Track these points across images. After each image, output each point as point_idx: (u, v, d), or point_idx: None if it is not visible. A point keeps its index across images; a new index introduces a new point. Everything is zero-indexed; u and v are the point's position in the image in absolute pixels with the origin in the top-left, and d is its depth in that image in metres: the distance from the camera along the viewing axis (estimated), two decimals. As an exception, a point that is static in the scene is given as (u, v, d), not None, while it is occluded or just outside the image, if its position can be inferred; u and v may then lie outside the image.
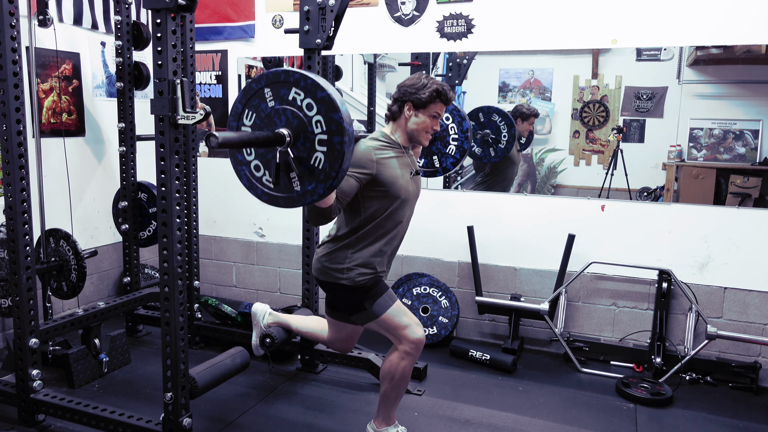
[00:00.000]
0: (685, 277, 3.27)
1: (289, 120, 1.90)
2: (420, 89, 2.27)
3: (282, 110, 1.91)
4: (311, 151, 1.89)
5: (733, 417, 2.86)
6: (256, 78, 1.94)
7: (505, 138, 3.62)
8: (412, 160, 2.42)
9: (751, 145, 3.23)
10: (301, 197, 1.95)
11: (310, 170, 1.91)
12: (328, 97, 1.83)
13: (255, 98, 1.96)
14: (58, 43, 3.39)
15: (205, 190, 3.93)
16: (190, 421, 2.26)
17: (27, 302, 2.50)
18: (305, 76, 1.86)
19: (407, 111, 2.30)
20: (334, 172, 1.86)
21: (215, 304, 3.45)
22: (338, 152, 1.84)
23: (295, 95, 1.89)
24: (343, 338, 2.62)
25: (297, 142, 1.90)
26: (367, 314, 2.32)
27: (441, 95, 2.28)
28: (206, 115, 2.09)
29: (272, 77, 1.91)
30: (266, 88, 1.93)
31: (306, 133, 1.89)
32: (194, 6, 2.01)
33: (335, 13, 2.71)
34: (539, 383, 3.18)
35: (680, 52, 3.26)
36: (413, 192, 2.38)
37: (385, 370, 2.37)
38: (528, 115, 3.69)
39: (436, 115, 2.33)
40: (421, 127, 2.31)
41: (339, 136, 1.83)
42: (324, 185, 1.89)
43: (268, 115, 1.94)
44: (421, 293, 3.63)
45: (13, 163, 2.40)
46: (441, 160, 2.73)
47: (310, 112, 1.87)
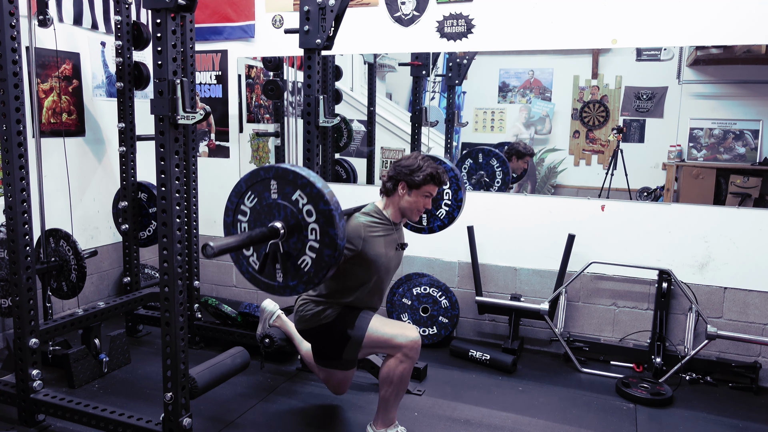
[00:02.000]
0: (685, 277, 3.27)
1: (287, 217, 1.97)
2: (414, 171, 2.36)
3: (283, 206, 1.97)
4: (301, 252, 1.96)
5: (733, 417, 2.86)
6: (266, 167, 1.99)
7: (498, 183, 3.72)
8: (400, 234, 2.55)
9: (751, 145, 3.23)
10: (280, 289, 2.02)
11: (295, 268, 1.98)
12: (329, 212, 1.89)
13: (260, 185, 2.01)
14: (58, 43, 3.39)
15: (205, 190, 3.93)
16: (190, 421, 2.26)
17: (27, 302, 2.50)
18: (312, 184, 1.91)
19: (401, 190, 2.40)
20: (317, 279, 1.94)
21: (215, 304, 3.45)
22: (325, 264, 1.91)
23: (298, 197, 1.94)
24: (335, 383, 2.69)
25: (290, 239, 1.97)
26: (353, 341, 2.37)
27: (434, 179, 2.38)
28: (206, 115, 2.10)
29: (281, 172, 1.96)
30: (273, 180, 1.98)
31: (300, 235, 1.95)
32: (194, 6, 2.01)
33: (335, 13, 2.71)
34: (539, 383, 3.18)
35: (680, 52, 3.26)
36: (393, 266, 2.51)
37: (384, 374, 2.38)
38: (524, 154, 3.75)
39: (429, 195, 2.43)
40: (413, 206, 2.42)
41: (330, 250, 1.90)
42: (305, 286, 1.98)
43: (269, 205, 2.00)
44: (421, 293, 3.63)
45: (13, 163, 2.40)
46: (429, 220, 2.85)
47: (309, 218, 1.93)
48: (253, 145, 4.27)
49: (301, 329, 2.49)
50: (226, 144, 4.25)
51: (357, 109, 4.28)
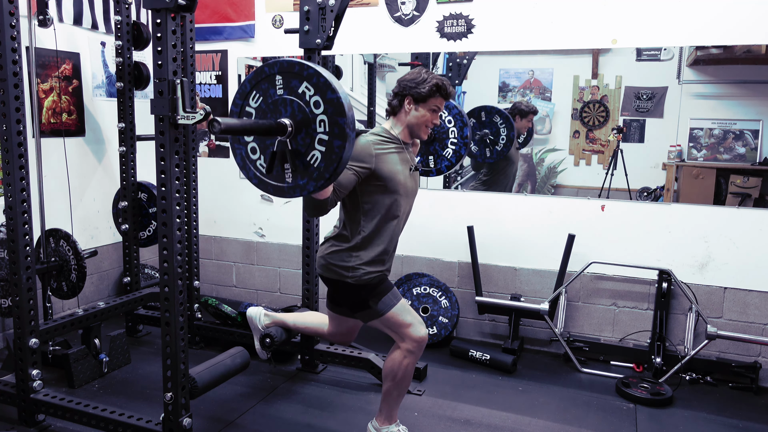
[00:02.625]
0: (685, 277, 3.27)
1: (294, 112, 1.89)
2: (420, 83, 2.29)
3: (289, 101, 1.89)
4: (310, 147, 1.88)
5: (733, 417, 2.86)
6: (270, 62, 1.91)
7: (503, 141, 3.63)
8: (411, 156, 2.44)
9: (751, 145, 3.23)
10: (290, 190, 1.94)
11: (304, 165, 1.90)
12: (337, 100, 1.82)
13: (265, 82, 1.93)
14: (58, 43, 3.39)
15: (205, 190, 3.93)
16: (190, 421, 2.26)
17: (27, 302, 2.50)
18: (319, 73, 1.84)
19: (407, 105, 2.32)
20: (328, 173, 1.86)
21: (215, 304, 3.45)
22: (336, 155, 1.84)
23: (305, 89, 1.87)
24: (344, 332, 2.63)
25: (298, 136, 1.89)
26: (371, 312, 2.33)
27: (441, 89, 2.30)
28: (206, 115, 2.10)
29: (286, 66, 1.88)
30: (278, 75, 1.90)
31: (308, 129, 1.87)
32: (194, 6, 2.01)
33: (335, 13, 2.71)
34: (539, 383, 3.18)
35: (680, 52, 3.26)
36: (411, 188, 2.39)
37: (388, 368, 2.38)
38: (527, 112, 3.68)
39: (436, 109, 2.34)
40: (421, 120, 2.33)
41: (340, 140, 1.83)
42: (315, 183, 1.89)
43: (275, 102, 1.92)
44: (421, 293, 3.62)
45: (13, 163, 2.40)
46: (436, 161, 2.75)
47: (317, 110, 1.85)
48: (253, 145, 4.26)
49: (324, 276, 2.39)
50: (226, 144, 4.25)
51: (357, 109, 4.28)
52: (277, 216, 4.15)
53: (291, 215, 4.01)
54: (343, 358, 3.14)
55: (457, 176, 3.91)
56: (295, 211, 3.87)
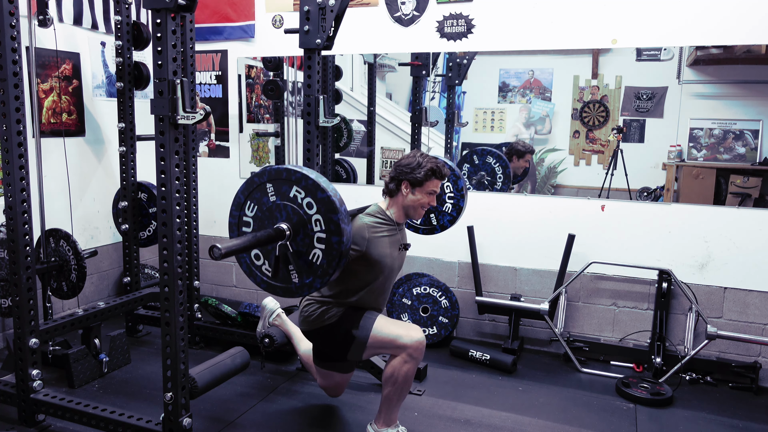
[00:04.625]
0: (685, 277, 3.27)
1: (290, 215, 1.98)
2: (415, 169, 2.38)
3: (283, 206, 1.99)
4: (310, 247, 1.97)
5: (733, 417, 2.86)
6: (258, 172, 2.01)
7: (501, 179, 3.70)
8: (403, 234, 2.56)
9: (751, 145, 3.23)
10: (299, 289, 2.03)
11: (308, 265, 1.99)
12: (327, 199, 1.91)
13: (257, 191, 2.03)
14: (58, 43, 3.39)
15: (205, 190, 3.93)
16: (190, 421, 2.26)
17: (27, 302, 2.50)
18: (306, 176, 1.93)
19: (404, 189, 2.42)
20: (332, 269, 1.95)
21: (215, 304, 3.45)
22: (336, 251, 1.92)
23: (296, 193, 1.96)
24: (332, 385, 2.70)
25: (297, 237, 1.98)
26: (358, 342, 2.37)
27: (436, 173, 2.40)
28: (206, 115, 2.10)
29: (274, 174, 1.98)
30: (268, 184, 2.00)
31: (305, 230, 1.96)
32: (194, 6, 2.01)
33: (335, 13, 2.71)
34: (539, 383, 3.18)
35: (680, 52, 3.26)
36: (396, 267, 2.51)
37: (388, 373, 2.37)
38: (523, 153, 3.73)
39: (432, 192, 2.43)
40: (418, 203, 2.43)
41: (337, 236, 1.91)
42: (321, 280, 1.97)
43: (270, 208, 2.01)
44: (421, 293, 3.63)
45: (13, 163, 2.40)
46: (438, 218, 2.85)
47: (310, 211, 1.94)
48: (253, 145, 4.27)
49: (305, 330, 2.49)
50: (226, 144, 4.25)
51: (357, 109, 4.28)
52: (277, 216, 4.14)
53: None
54: (343, 358, 3.14)
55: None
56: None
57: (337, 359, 2.53)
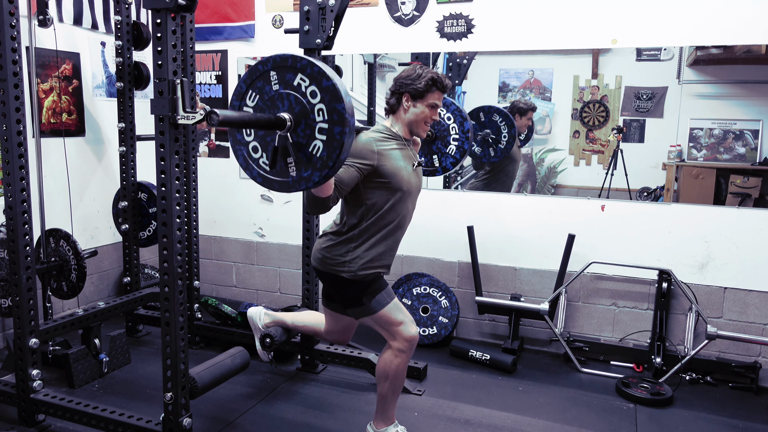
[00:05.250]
0: (685, 277, 3.27)
1: (292, 105, 1.89)
2: (416, 79, 2.29)
3: (286, 95, 1.89)
4: (311, 138, 1.88)
5: (733, 417, 2.86)
6: (263, 60, 1.92)
7: (505, 138, 3.63)
8: (414, 152, 2.43)
9: (751, 145, 3.23)
10: (295, 183, 1.93)
11: (307, 157, 1.89)
12: (332, 87, 1.82)
13: (260, 80, 1.94)
14: (58, 43, 3.39)
15: (205, 190, 3.93)
16: (190, 421, 2.26)
17: (27, 302, 2.50)
18: (312, 63, 1.84)
19: (405, 102, 2.33)
20: (331, 161, 1.85)
21: (215, 304, 3.45)
22: (337, 142, 1.83)
23: (300, 81, 1.87)
24: (339, 330, 2.62)
25: (297, 128, 1.89)
26: (364, 309, 2.33)
27: (437, 83, 2.30)
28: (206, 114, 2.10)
29: (279, 61, 1.89)
30: (272, 71, 1.91)
31: (307, 120, 1.87)
32: (194, 6, 2.01)
33: (335, 13, 2.71)
34: (539, 383, 3.18)
35: (680, 52, 3.26)
36: (415, 184, 2.38)
37: (380, 369, 2.38)
38: (525, 110, 3.68)
39: (434, 105, 2.34)
40: (420, 117, 2.33)
41: (340, 126, 1.82)
42: (320, 173, 1.88)
43: (272, 98, 1.92)
44: (421, 293, 3.62)
45: (13, 163, 2.40)
46: (441, 160, 2.75)
47: (314, 100, 1.85)
48: (253, 145, 4.26)
49: (319, 270, 2.38)
50: (226, 144, 4.25)
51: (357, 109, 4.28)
52: (277, 216, 4.15)
53: (291, 215, 4.01)
54: (342, 358, 3.14)
55: (457, 176, 3.91)
56: (295, 211, 3.87)
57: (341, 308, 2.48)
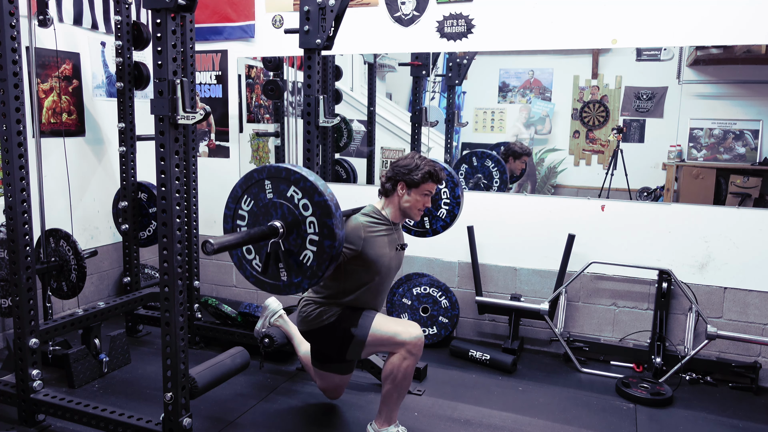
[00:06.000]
0: (685, 277, 3.27)
1: (285, 215, 1.99)
2: (413, 170, 2.38)
3: (279, 204, 2.00)
4: (302, 248, 1.98)
5: (733, 417, 2.86)
6: (258, 169, 2.02)
7: (497, 183, 3.70)
8: (399, 235, 2.55)
9: (751, 145, 3.23)
10: (286, 287, 2.04)
11: (298, 265, 2.00)
12: (324, 203, 1.92)
13: (255, 187, 2.04)
14: (58, 43, 3.39)
15: (205, 190, 3.93)
16: (190, 421, 2.26)
17: (27, 302, 2.50)
18: (305, 178, 1.94)
19: (400, 190, 2.42)
20: (321, 272, 1.96)
21: (215, 304, 3.45)
22: (327, 255, 1.93)
23: (293, 193, 1.97)
24: (331, 388, 2.71)
25: (289, 236, 2.00)
26: (357, 340, 2.37)
27: (433, 176, 2.40)
28: (206, 115, 2.11)
29: (274, 171, 1.99)
30: (267, 180, 2.01)
31: (299, 231, 1.97)
32: (194, 6, 2.01)
33: (335, 13, 2.71)
34: (539, 383, 3.18)
35: (680, 52, 3.26)
36: (395, 267, 2.51)
37: (387, 371, 2.38)
38: (520, 154, 3.75)
39: (428, 194, 2.44)
40: (413, 204, 2.44)
41: (330, 240, 1.92)
42: (309, 281, 1.99)
43: (266, 205, 2.02)
44: (421, 293, 3.63)
45: (13, 163, 2.40)
46: (432, 222, 2.89)
47: (306, 212, 1.96)
48: (253, 145, 4.27)
49: (303, 330, 2.49)
50: (226, 144, 4.25)
51: (357, 109, 4.28)
52: (277, 216, 4.14)
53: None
54: (343, 358, 3.14)
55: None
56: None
57: (335, 360, 2.53)
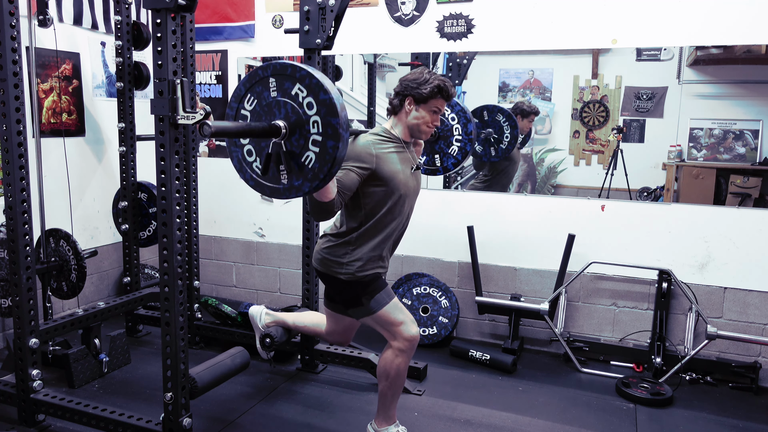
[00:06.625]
0: (685, 277, 3.27)
1: (288, 114, 1.90)
2: (422, 84, 2.27)
3: (283, 103, 1.91)
4: (304, 148, 1.89)
5: (733, 417, 2.86)
6: (263, 65, 1.93)
7: (507, 138, 3.63)
8: (413, 155, 2.43)
9: (751, 145, 3.23)
10: (286, 191, 1.96)
11: (299, 167, 1.91)
12: (329, 101, 1.83)
13: (259, 85, 1.95)
14: (58, 43, 3.39)
15: (205, 190, 3.93)
16: (190, 421, 2.26)
17: (27, 302, 2.50)
18: (311, 74, 1.85)
19: (408, 105, 2.31)
20: (323, 174, 1.87)
21: (215, 304, 3.45)
22: (330, 156, 1.85)
23: (298, 91, 1.88)
24: (340, 330, 2.63)
25: (292, 137, 1.91)
26: (364, 309, 2.34)
27: (442, 91, 2.29)
28: (206, 115, 2.10)
29: (279, 68, 1.91)
30: (271, 78, 1.92)
31: (302, 131, 1.89)
32: (194, 6, 2.01)
33: (335, 13, 2.71)
34: (539, 383, 3.18)
35: (680, 52, 3.26)
36: (413, 187, 2.39)
37: (381, 368, 2.38)
38: (528, 113, 3.69)
39: (437, 110, 2.33)
40: (422, 121, 2.32)
41: (333, 141, 1.84)
42: (310, 184, 1.90)
43: (269, 104, 1.94)
44: (421, 293, 3.62)
45: (13, 163, 2.40)
46: (443, 160, 2.76)
47: (310, 111, 1.87)
48: (253, 145, 4.26)
49: (320, 271, 2.39)
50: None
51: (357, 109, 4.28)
52: (277, 216, 4.15)
53: (291, 215, 4.01)
54: (343, 358, 3.14)
55: (457, 176, 3.91)
56: (295, 211, 3.87)
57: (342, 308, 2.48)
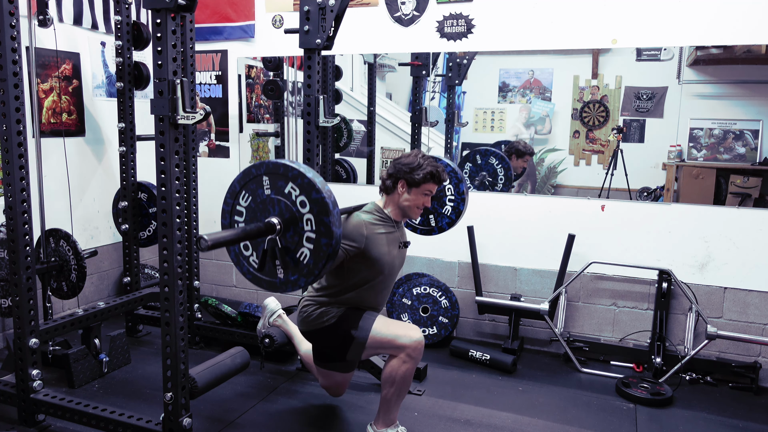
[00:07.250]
0: (685, 277, 3.27)
1: (282, 211, 1.98)
2: (415, 169, 2.37)
3: (277, 200, 1.99)
4: (299, 245, 1.97)
5: (733, 417, 2.86)
6: (257, 164, 2.01)
7: (501, 181, 3.70)
8: (402, 233, 2.55)
9: (751, 145, 3.23)
10: (282, 285, 2.03)
11: (295, 262, 1.98)
12: (321, 200, 1.90)
13: (253, 183, 2.03)
14: (58, 43, 3.39)
15: (205, 190, 3.93)
16: (190, 421, 2.26)
17: (27, 302, 2.50)
18: (303, 174, 1.93)
19: (401, 188, 2.41)
20: (317, 270, 1.94)
21: (215, 304, 3.45)
22: (323, 253, 1.92)
23: (291, 189, 1.96)
24: (333, 385, 2.70)
25: (287, 233, 1.98)
26: (357, 342, 2.37)
27: (434, 177, 2.39)
28: (206, 115, 2.11)
29: (272, 167, 1.98)
30: (265, 176, 2.00)
31: (296, 228, 1.96)
32: (194, 6, 2.01)
33: (335, 13, 2.71)
34: (539, 383, 3.18)
35: (680, 52, 3.26)
36: (397, 266, 2.50)
37: (387, 374, 2.37)
38: (523, 153, 3.75)
39: (428, 193, 2.43)
40: (413, 203, 2.42)
41: (327, 238, 1.91)
42: (306, 279, 1.97)
43: (264, 201, 2.01)
44: (421, 293, 3.63)
45: (13, 163, 2.40)
46: (437, 220, 2.86)
47: (303, 209, 1.94)
48: (253, 145, 4.27)
49: (304, 330, 2.48)
50: (226, 144, 4.25)
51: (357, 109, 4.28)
52: (277, 216, 4.15)
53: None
54: (343, 358, 3.14)
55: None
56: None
57: (336, 359, 2.53)
